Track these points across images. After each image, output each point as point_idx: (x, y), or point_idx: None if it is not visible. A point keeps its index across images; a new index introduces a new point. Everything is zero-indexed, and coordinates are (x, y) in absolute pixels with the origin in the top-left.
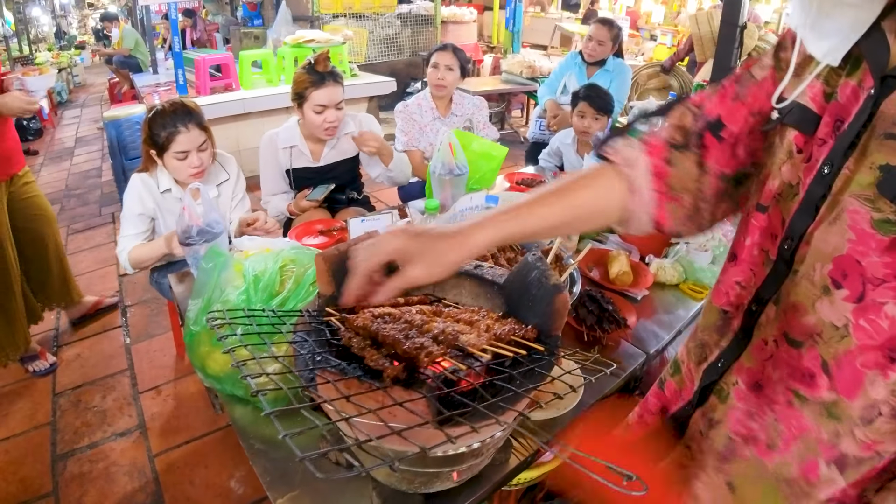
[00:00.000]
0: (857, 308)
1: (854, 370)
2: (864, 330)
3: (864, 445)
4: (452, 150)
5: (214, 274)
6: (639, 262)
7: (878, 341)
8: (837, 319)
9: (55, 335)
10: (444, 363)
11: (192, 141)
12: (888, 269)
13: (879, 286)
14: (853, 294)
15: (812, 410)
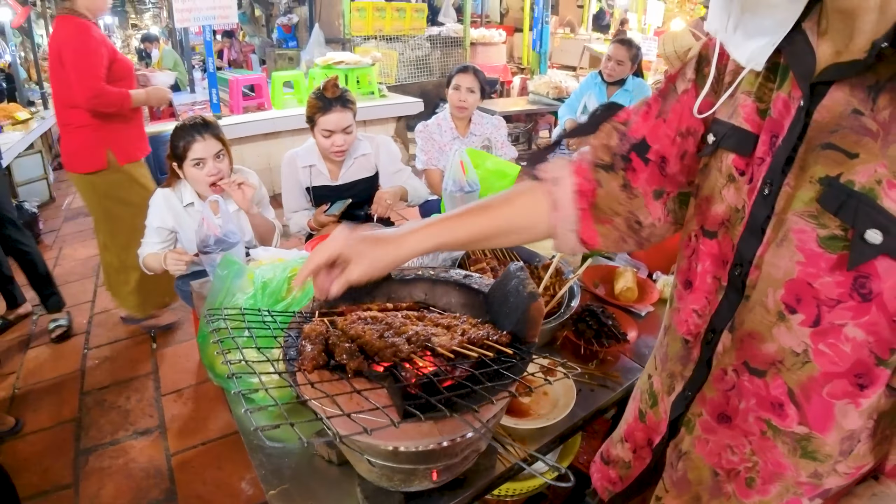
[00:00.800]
0: (815, 332)
1: (822, 401)
2: (826, 355)
3: (849, 476)
4: (463, 167)
5: (227, 281)
6: (646, 279)
7: (843, 367)
8: (797, 345)
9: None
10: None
11: (207, 149)
12: (841, 288)
13: (835, 307)
14: (809, 318)
15: (785, 444)
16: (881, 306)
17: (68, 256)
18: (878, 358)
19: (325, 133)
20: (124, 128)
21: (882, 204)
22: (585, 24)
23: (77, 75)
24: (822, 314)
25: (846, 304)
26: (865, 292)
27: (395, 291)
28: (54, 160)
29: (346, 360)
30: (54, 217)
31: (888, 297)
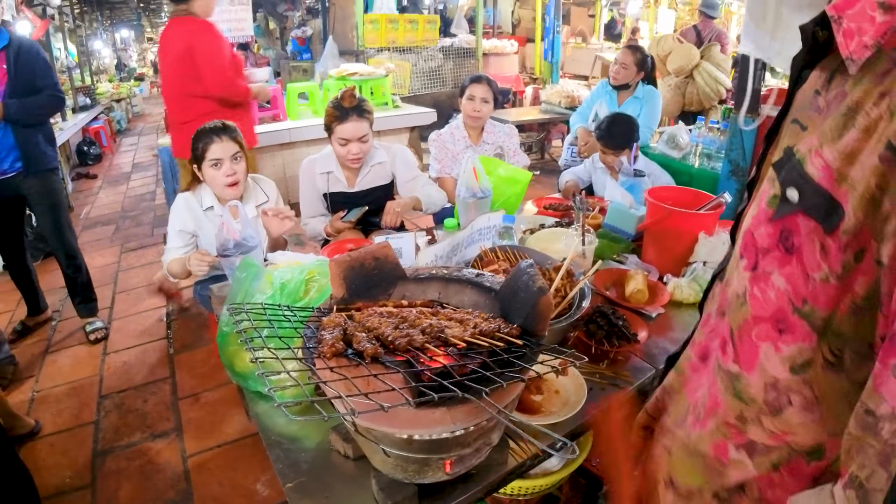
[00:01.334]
0: (752, 276)
1: (751, 343)
2: (757, 299)
3: (774, 436)
4: (476, 174)
5: (246, 283)
6: (656, 282)
7: (769, 312)
8: (740, 288)
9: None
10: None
11: (224, 150)
12: (771, 239)
13: (766, 255)
14: (750, 263)
15: (723, 381)
16: (800, 260)
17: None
18: (794, 306)
19: (341, 141)
20: (244, 116)
21: (806, 169)
22: (597, 33)
23: (210, 69)
24: (759, 261)
25: (774, 253)
26: (789, 245)
27: (410, 290)
28: (73, 170)
29: (363, 346)
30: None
31: (806, 254)
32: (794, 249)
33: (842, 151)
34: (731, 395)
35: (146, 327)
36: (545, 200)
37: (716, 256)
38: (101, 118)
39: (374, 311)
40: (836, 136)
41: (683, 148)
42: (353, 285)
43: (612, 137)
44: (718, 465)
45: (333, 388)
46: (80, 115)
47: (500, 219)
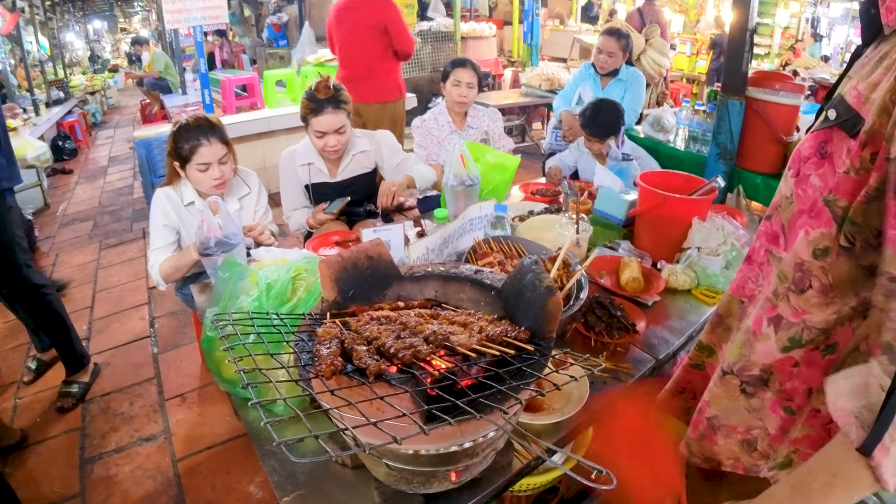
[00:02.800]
0: (797, 181)
1: (794, 231)
2: (800, 196)
3: (795, 313)
4: (464, 161)
5: (230, 283)
6: (651, 269)
7: (807, 205)
8: (787, 191)
9: (86, 344)
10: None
11: (213, 154)
12: (811, 149)
13: (806, 162)
14: (795, 171)
15: (775, 265)
16: (830, 162)
17: (65, 263)
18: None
19: (317, 134)
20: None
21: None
22: (574, 15)
23: (404, 37)
24: (801, 168)
25: (812, 160)
26: (823, 152)
27: (406, 289)
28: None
29: (365, 363)
30: (50, 224)
31: (835, 157)
32: (827, 155)
33: (869, 83)
34: (775, 276)
35: (129, 326)
36: (532, 186)
37: (710, 242)
38: (75, 112)
39: (370, 315)
40: (867, 75)
41: (669, 130)
42: (345, 287)
43: (597, 125)
44: (752, 338)
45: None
46: (54, 109)
47: (491, 208)
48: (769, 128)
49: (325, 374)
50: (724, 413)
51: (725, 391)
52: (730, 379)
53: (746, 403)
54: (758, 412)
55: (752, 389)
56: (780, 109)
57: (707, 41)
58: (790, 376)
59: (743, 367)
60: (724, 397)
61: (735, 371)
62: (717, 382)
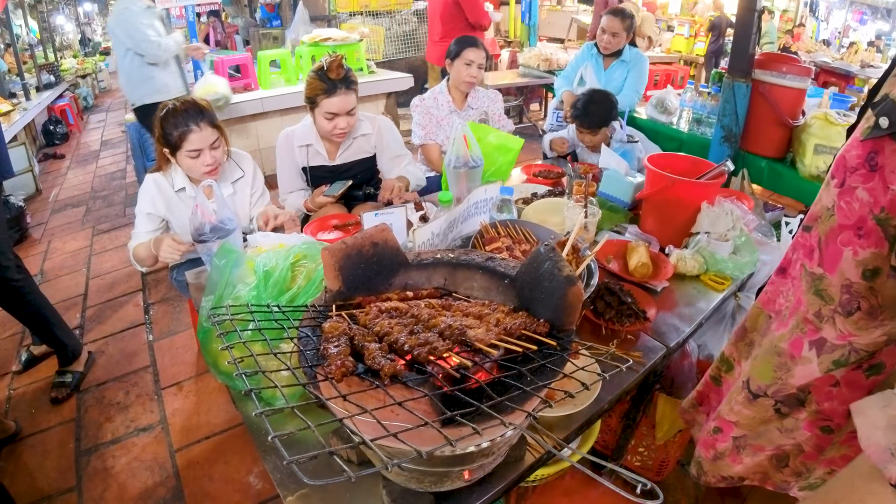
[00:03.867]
0: (841, 192)
1: (835, 247)
2: (843, 210)
3: (841, 336)
4: (467, 142)
5: (226, 271)
6: (658, 253)
7: (852, 220)
8: (829, 202)
9: (80, 333)
10: (451, 359)
11: (204, 139)
12: (860, 158)
13: (853, 173)
14: (839, 180)
15: (807, 282)
16: (881, 176)
17: (58, 250)
18: (873, 213)
19: (328, 116)
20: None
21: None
22: None
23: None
24: (846, 178)
25: (860, 171)
26: (874, 164)
27: (413, 277)
28: (39, 151)
29: (379, 364)
30: (42, 210)
31: (887, 170)
32: (878, 168)
33: None
34: (812, 294)
35: (123, 314)
36: (534, 167)
37: (719, 227)
38: (66, 96)
39: (378, 307)
40: None
41: (672, 112)
42: (350, 276)
43: (589, 116)
44: (789, 361)
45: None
46: (45, 93)
47: (497, 191)
48: (775, 111)
49: (335, 376)
50: (753, 434)
51: (757, 412)
52: (763, 401)
53: (779, 423)
54: (790, 432)
55: (786, 409)
56: (786, 93)
57: (706, 23)
58: (829, 397)
59: (778, 390)
60: (756, 418)
61: (770, 394)
62: (746, 404)
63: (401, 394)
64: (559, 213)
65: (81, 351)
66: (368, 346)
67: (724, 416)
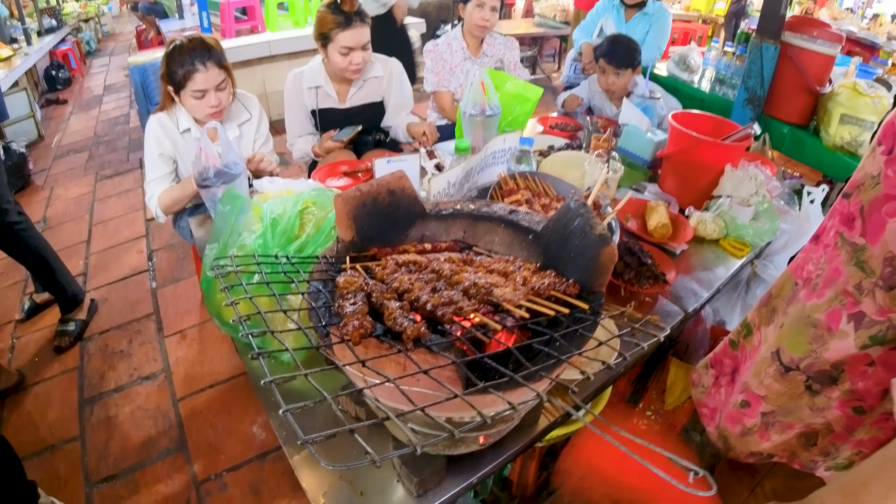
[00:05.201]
0: (889, 159)
1: (879, 218)
2: (890, 179)
3: (881, 311)
4: (484, 89)
5: (231, 218)
6: (678, 215)
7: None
8: (874, 170)
9: (83, 280)
10: (475, 320)
11: (210, 80)
12: None
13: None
14: (887, 147)
15: (847, 252)
16: None
17: (60, 196)
18: None
19: (343, 51)
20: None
21: None
22: None
23: None
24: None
25: None
26: None
27: (430, 229)
28: (42, 97)
29: (401, 326)
30: (44, 156)
31: None
32: None
33: None
34: (852, 265)
35: (126, 260)
36: (550, 119)
37: (741, 192)
38: (68, 40)
39: (395, 261)
40: None
41: (694, 71)
42: (364, 226)
43: (616, 53)
44: (826, 334)
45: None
46: (46, 38)
47: (516, 141)
48: (802, 76)
49: (352, 338)
50: (783, 410)
51: (788, 387)
52: (794, 375)
53: (810, 401)
54: (822, 411)
55: (818, 387)
56: (815, 58)
57: None
58: (863, 376)
59: (811, 364)
60: (786, 394)
61: (802, 368)
62: (777, 378)
63: (423, 358)
64: (578, 168)
65: (84, 298)
66: (388, 305)
67: (754, 389)
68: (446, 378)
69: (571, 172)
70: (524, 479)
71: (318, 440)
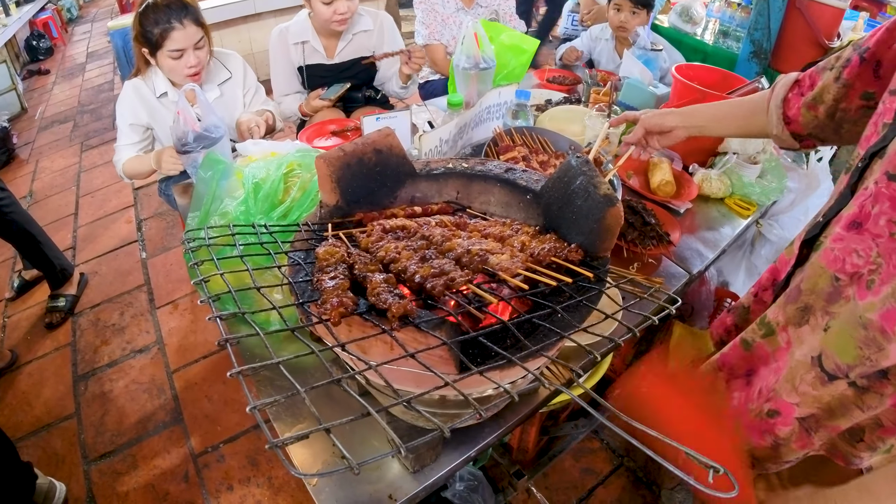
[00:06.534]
0: None
1: None
2: None
3: None
4: (478, 41)
5: (213, 183)
6: (682, 172)
7: None
8: None
9: (72, 254)
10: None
11: (187, 38)
12: None
13: None
14: None
15: None
16: None
17: (46, 168)
18: None
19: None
20: None
21: None
22: None
23: None
24: None
25: None
26: None
27: (421, 190)
28: (23, 68)
29: (386, 303)
30: (28, 129)
31: None
32: None
33: None
34: None
35: (115, 231)
36: (548, 72)
37: (748, 149)
38: (48, 8)
39: (382, 226)
40: None
41: (697, 22)
42: (349, 189)
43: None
44: (879, 336)
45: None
46: (25, 7)
47: (512, 94)
48: (811, 29)
49: (332, 318)
50: (825, 414)
51: (829, 392)
52: (840, 383)
53: (859, 401)
54: (874, 409)
55: (864, 382)
56: (824, 10)
57: None
58: None
59: (863, 373)
60: (827, 397)
61: (851, 376)
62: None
63: (413, 337)
64: (578, 122)
65: (73, 272)
66: (372, 278)
67: (784, 396)
68: (437, 357)
69: (571, 127)
70: (524, 444)
71: (290, 442)
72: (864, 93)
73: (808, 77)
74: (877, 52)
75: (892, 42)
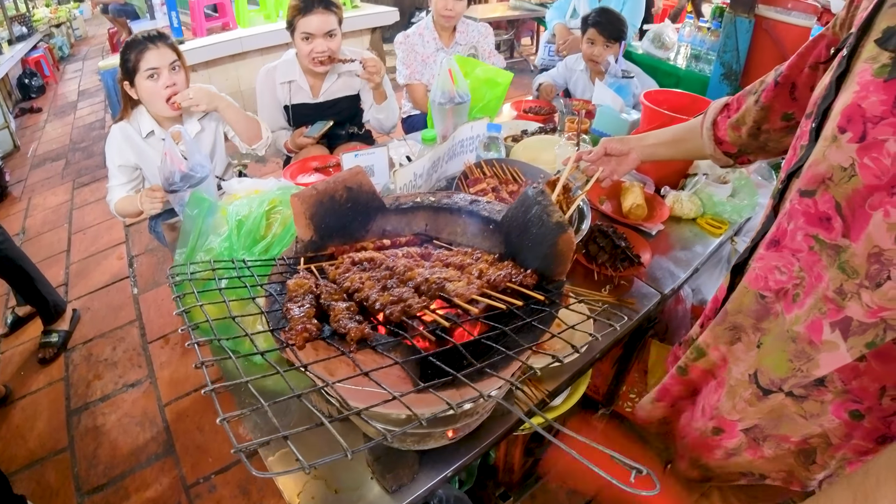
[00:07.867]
0: (861, 147)
1: (863, 213)
2: (869, 169)
3: (870, 311)
4: (452, 76)
5: (199, 220)
6: (654, 195)
7: (884, 181)
8: (844, 161)
9: (64, 290)
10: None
11: (161, 57)
12: (884, 105)
13: (878, 124)
14: (856, 135)
15: (828, 257)
16: None
17: (39, 206)
18: None
19: (304, 36)
20: None
21: None
22: None
23: None
24: (868, 130)
25: (888, 120)
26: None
27: (392, 223)
28: (15, 106)
29: (345, 327)
30: (20, 166)
31: None
32: None
33: None
34: (835, 269)
35: (107, 267)
36: (524, 103)
37: (717, 169)
38: (40, 47)
39: (351, 259)
40: None
41: (670, 48)
42: (322, 224)
43: (609, 23)
44: (808, 348)
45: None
46: (18, 45)
47: (484, 128)
48: (778, 48)
49: (296, 342)
50: (769, 423)
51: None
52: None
53: (800, 409)
54: (816, 417)
55: (802, 392)
56: (790, 30)
57: None
58: (856, 374)
59: (797, 383)
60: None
61: (785, 388)
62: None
63: (371, 359)
64: (550, 151)
65: (65, 308)
66: (335, 306)
67: (725, 414)
68: (396, 377)
69: (544, 156)
70: (509, 465)
71: (253, 447)
72: (783, 114)
73: (735, 101)
74: (790, 75)
75: (803, 66)
